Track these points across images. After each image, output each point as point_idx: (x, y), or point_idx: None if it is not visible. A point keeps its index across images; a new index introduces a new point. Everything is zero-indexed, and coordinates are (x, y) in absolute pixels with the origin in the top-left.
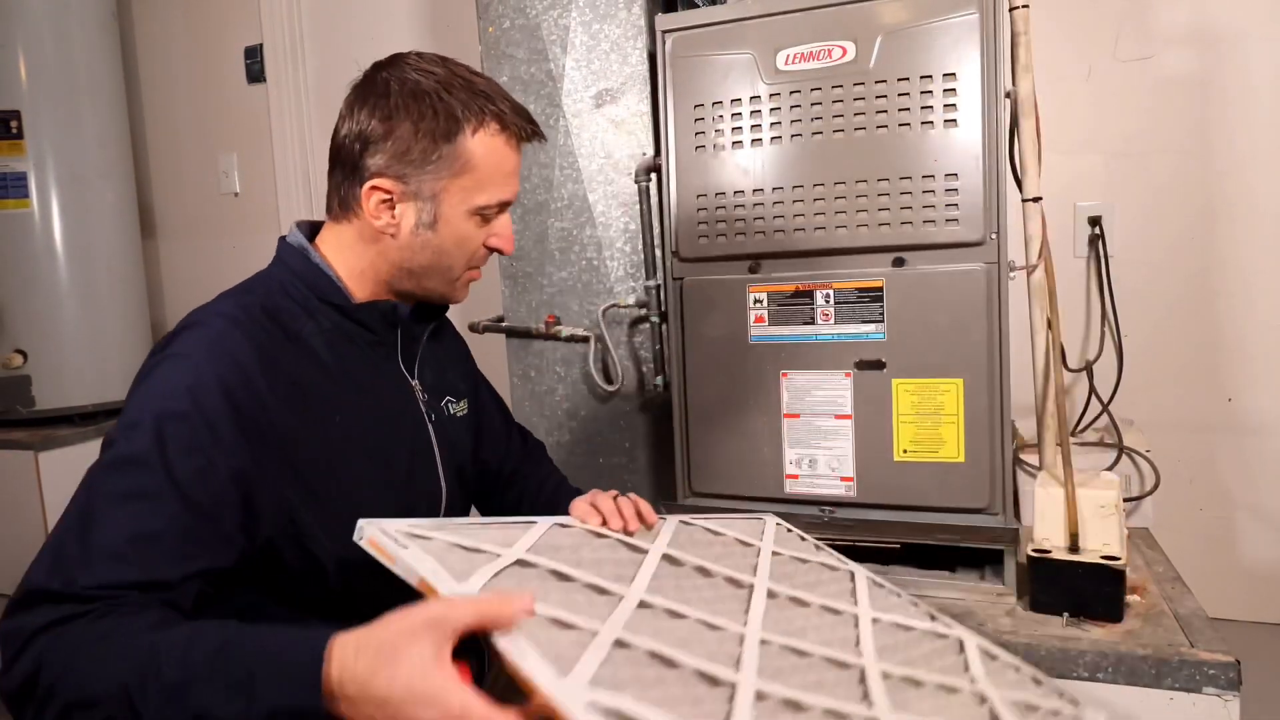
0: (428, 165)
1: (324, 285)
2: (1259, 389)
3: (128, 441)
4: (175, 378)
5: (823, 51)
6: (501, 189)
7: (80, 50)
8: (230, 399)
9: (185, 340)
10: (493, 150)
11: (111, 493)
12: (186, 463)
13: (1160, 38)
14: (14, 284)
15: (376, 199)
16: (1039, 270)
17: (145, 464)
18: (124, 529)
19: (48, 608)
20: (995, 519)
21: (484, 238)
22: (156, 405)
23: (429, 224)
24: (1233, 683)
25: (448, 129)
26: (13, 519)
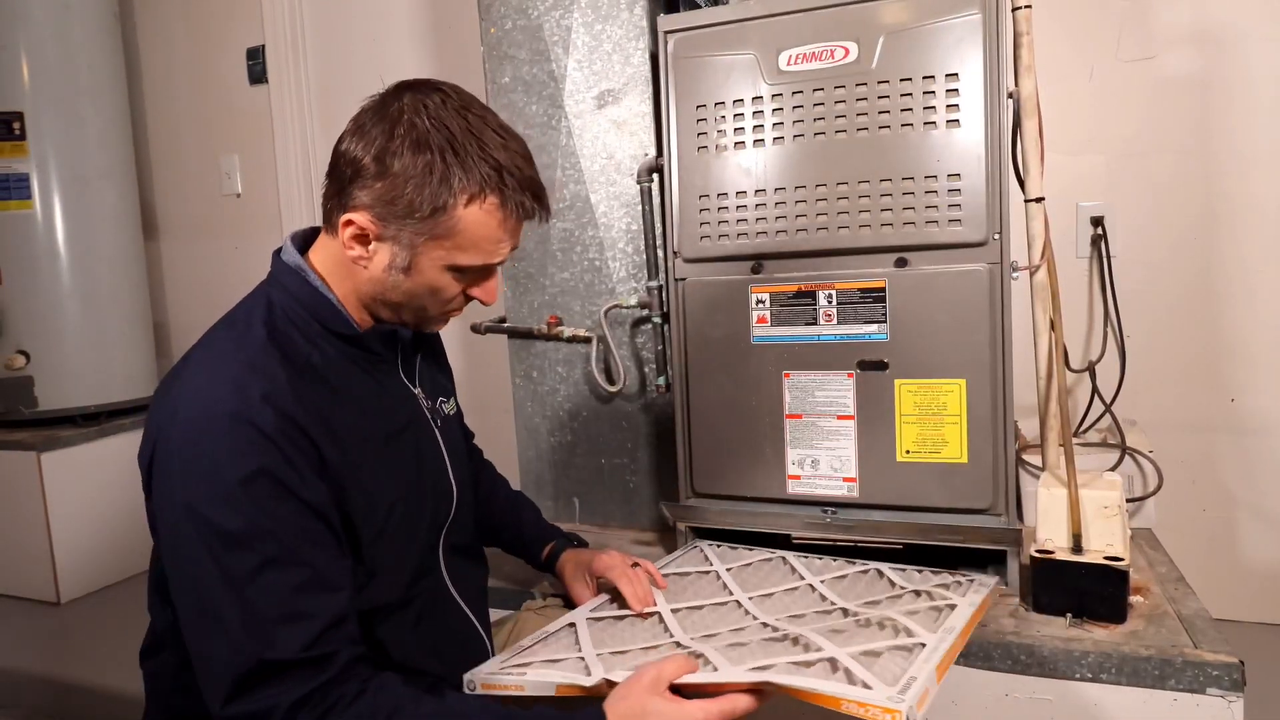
0: (410, 219)
1: (327, 313)
2: (1261, 389)
3: (225, 517)
4: (232, 436)
5: (825, 52)
6: (485, 256)
7: (82, 52)
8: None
9: (214, 394)
10: (482, 224)
11: (245, 570)
12: (285, 511)
13: (1162, 38)
14: (16, 285)
15: (352, 231)
16: (1041, 270)
17: (258, 533)
18: (278, 594)
19: (282, 681)
20: (998, 519)
21: (464, 287)
22: (231, 470)
23: (402, 269)
24: (1236, 684)
25: (440, 193)
26: (15, 519)
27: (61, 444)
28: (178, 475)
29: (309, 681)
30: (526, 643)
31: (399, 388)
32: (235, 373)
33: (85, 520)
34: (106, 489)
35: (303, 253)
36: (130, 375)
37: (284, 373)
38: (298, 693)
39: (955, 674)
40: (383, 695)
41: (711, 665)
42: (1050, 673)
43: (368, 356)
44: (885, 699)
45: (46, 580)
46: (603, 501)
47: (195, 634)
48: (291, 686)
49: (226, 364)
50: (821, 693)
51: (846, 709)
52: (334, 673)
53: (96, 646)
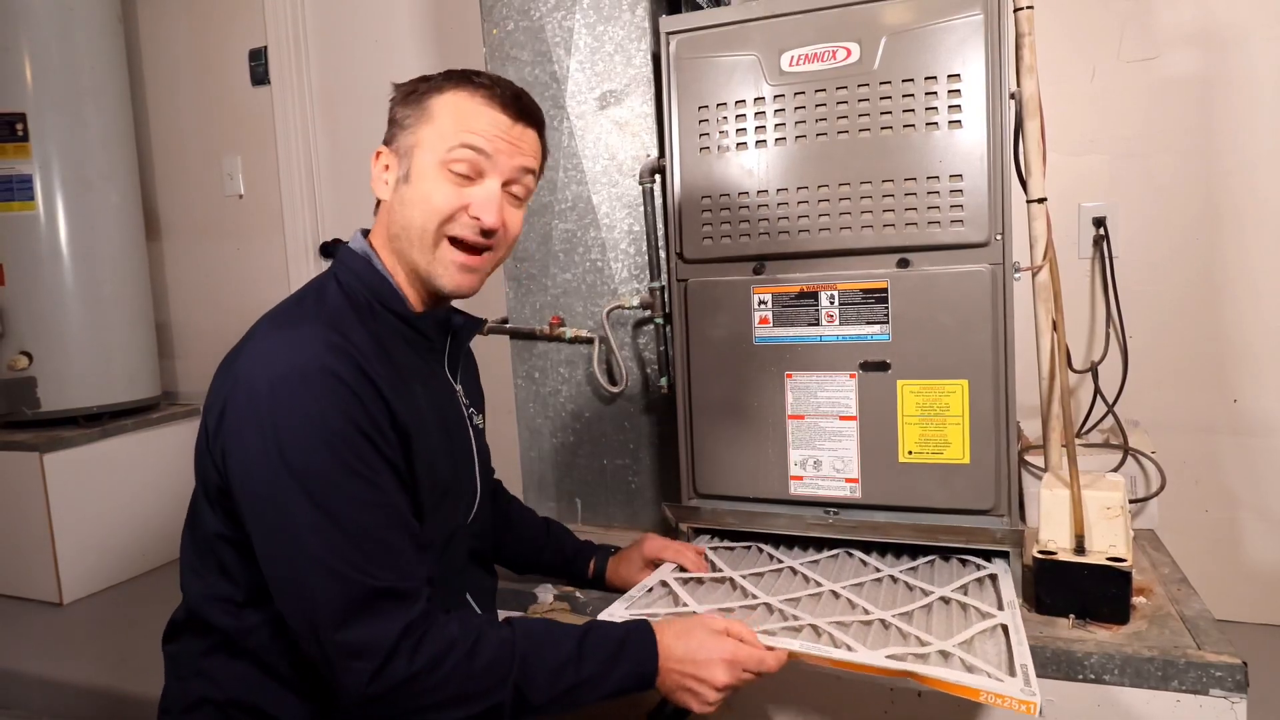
0: (405, 124)
1: (386, 292)
2: (1264, 390)
3: (321, 461)
4: (322, 387)
5: (827, 53)
6: (462, 134)
7: (85, 53)
8: (370, 389)
9: (300, 350)
10: (457, 104)
11: (343, 509)
12: (372, 457)
13: (1164, 38)
14: (19, 286)
15: (379, 167)
16: (1043, 271)
17: (351, 475)
18: (374, 530)
19: (385, 610)
20: (1001, 520)
21: (460, 201)
22: (323, 419)
23: (404, 178)
24: (1240, 685)
25: (422, 91)
26: (18, 520)
27: (64, 445)
28: (269, 428)
29: (407, 611)
30: (635, 593)
31: (444, 378)
32: (317, 332)
33: (88, 521)
34: (109, 490)
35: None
36: (133, 376)
37: (359, 335)
38: (401, 621)
39: None
40: (467, 623)
41: (829, 635)
42: (1053, 674)
43: (423, 341)
44: (1019, 691)
45: (49, 581)
46: (605, 502)
47: (293, 576)
48: (395, 615)
49: (307, 325)
50: (961, 684)
51: (985, 699)
52: (424, 604)
53: (99, 647)
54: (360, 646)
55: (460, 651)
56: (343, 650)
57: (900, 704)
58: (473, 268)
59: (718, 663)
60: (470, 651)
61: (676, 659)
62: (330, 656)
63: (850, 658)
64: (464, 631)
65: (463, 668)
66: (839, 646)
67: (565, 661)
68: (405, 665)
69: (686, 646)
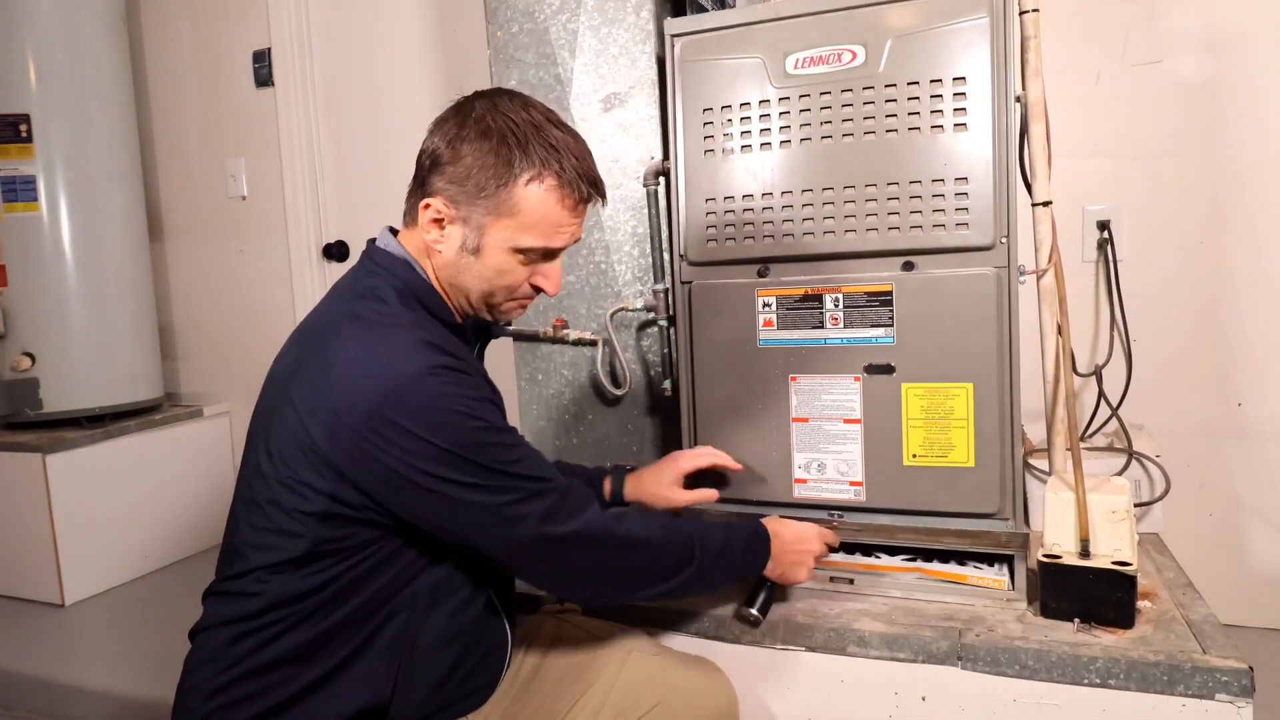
0: (479, 198)
1: (434, 301)
2: (1269, 393)
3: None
4: (443, 382)
5: (832, 55)
6: (546, 238)
7: (89, 54)
8: (475, 381)
9: (405, 354)
10: (543, 203)
11: (510, 454)
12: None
13: (1169, 42)
14: (22, 287)
15: (429, 215)
16: (1048, 274)
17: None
18: (532, 456)
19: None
20: (1005, 524)
21: (529, 275)
22: (458, 403)
23: (472, 250)
24: (1246, 690)
25: (504, 173)
26: (20, 521)
27: (67, 446)
28: (415, 431)
29: (564, 498)
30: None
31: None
32: (406, 336)
33: (90, 522)
34: (112, 491)
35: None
36: (135, 377)
37: (431, 330)
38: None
39: (961, 678)
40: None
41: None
42: (1058, 678)
43: (463, 344)
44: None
45: (51, 582)
46: None
47: (495, 523)
48: (574, 507)
49: (394, 331)
50: (953, 574)
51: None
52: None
53: (101, 649)
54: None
55: (644, 527)
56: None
57: (904, 706)
58: (527, 306)
59: (813, 537)
60: (649, 526)
61: (789, 541)
62: (538, 538)
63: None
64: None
65: (657, 536)
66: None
67: (725, 543)
68: (602, 523)
69: (794, 531)
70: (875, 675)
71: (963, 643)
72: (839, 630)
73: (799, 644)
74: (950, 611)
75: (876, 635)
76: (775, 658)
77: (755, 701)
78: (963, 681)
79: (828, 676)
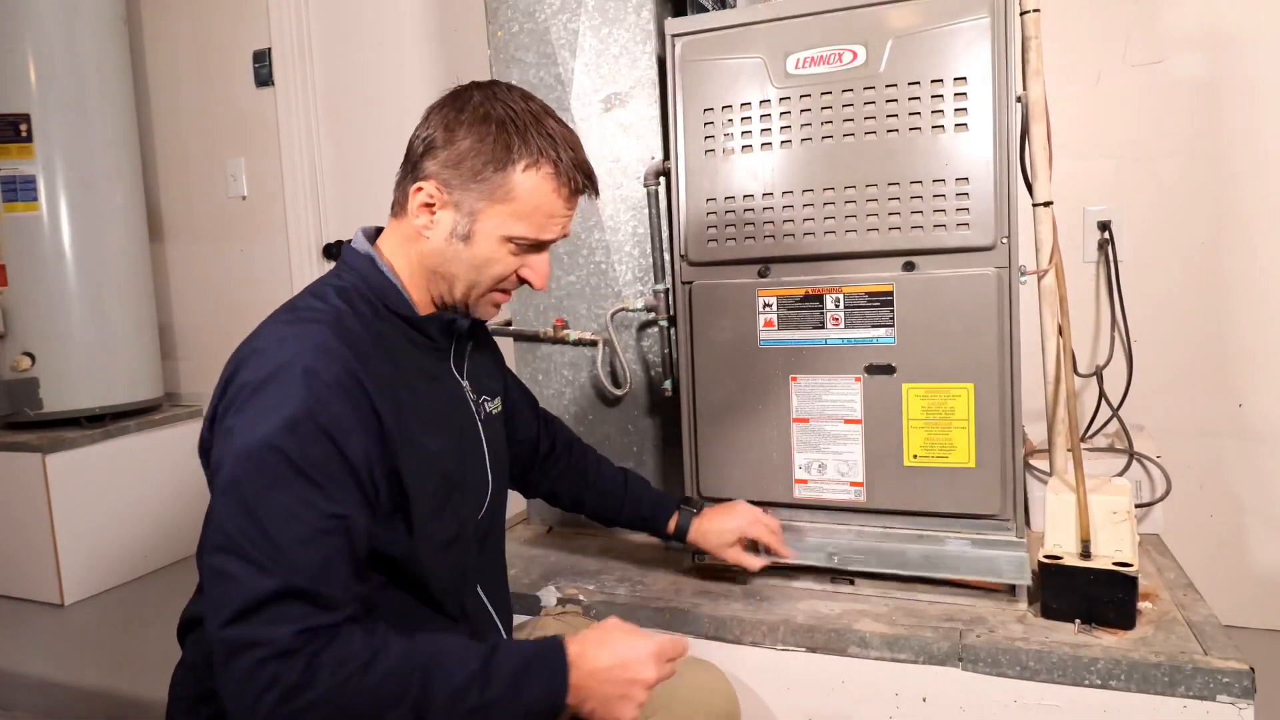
0: (473, 183)
1: (391, 295)
2: (1269, 394)
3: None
4: (297, 384)
5: (833, 55)
6: (539, 228)
7: (89, 54)
8: (350, 400)
9: (292, 348)
10: (537, 190)
11: (278, 503)
12: (326, 458)
13: (1170, 42)
14: (22, 286)
15: (420, 199)
16: (1049, 275)
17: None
18: (303, 530)
19: (290, 609)
20: (1006, 525)
21: (517, 266)
22: (283, 412)
23: (463, 236)
24: (1247, 691)
25: (501, 157)
26: (20, 521)
27: (66, 446)
28: (238, 424)
29: (313, 618)
30: None
31: (450, 377)
32: (311, 332)
33: (90, 523)
34: (111, 491)
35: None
36: (135, 378)
37: (359, 335)
38: (301, 625)
39: (962, 679)
40: (372, 635)
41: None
42: (1059, 679)
43: (426, 342)
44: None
45: (50, 583)
46: None
47: (215, 557)
48: (296, 618)
49: (303, 325)
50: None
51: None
52: (338, 618)
53: (100, 649)
54: (253, 639)
55: (355, 664)
56: (235, 643)
57: (905, 707)
58: (505, 302)
59: (645, 660)
60: (367, 664)
61: (605, 667)
62: (222, 650)
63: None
64: (366, 644)
65: (355, 682)
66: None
67: (469, 680)
68: (297, 671)
69: (613, 652)
70: (876, 676)
71: (963, 644)
72: (840, 631)
73: (800, 645)
74: (951, 612)
75: (877, 636)
76: (776, 659)
77: (756, 703)
78: (963, 682)
79: (829, 677)
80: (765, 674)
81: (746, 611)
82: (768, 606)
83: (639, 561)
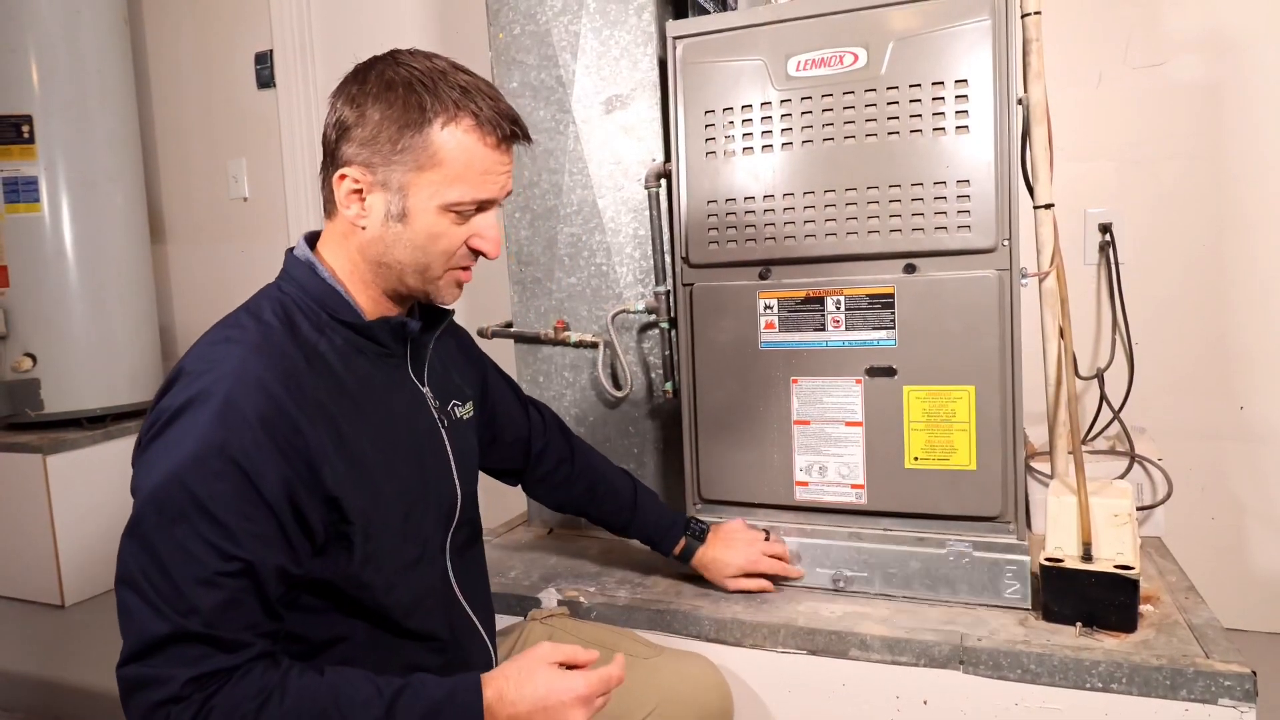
0: (395, 156)
1: (333, 301)
2: (1271, 397)
3: (170, 489)
4: (211, 416)
5: (834, 58)
6: (475, 188)
7: (91, 55)
8: (268, 430)
9: (211, 376)
10: (463, 146)
11: (177, 541)
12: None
13: (1171, 44)
14: (24, 287)
15: (346, 187)
16: (1050, 277)
17: (198, 509)
18: (203, 570)
19: (187, 650)
20: (1007, 527)
21: (465, 237)
22: (190, 446)
23: (398, 217)
24: (1249, 694)
25: (415, 120)
26: (21, 522)
27: (67, 446)
28: (150, 455)
29: (209, 661)
30: None
31: (407, 384)
32: (236, 354)
33: (90, 523)
34: (112, 492)
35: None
36: (136, 378)
37: (290, 356)
38: (195, 670)
39: (963, 682)
40: (268, 675)
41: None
42: (1060, 682)
43: (376, 349)
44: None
45: (50, 583)
46: None
47: (120, 590)
48: (191, 661)
49: (229, 345)
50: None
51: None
52: (238, 660)
53: (100, 650)
54: (148, 679)
55: (250, 708)
56: (131, 682)
57: (906, 710)
58: (467, 281)
59: (571, 703)
60: (260, 709)
61: (526, 712)
62: (121, 688)
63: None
64: (262, 685)
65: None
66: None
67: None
68: (189, 716)
69: (536, 692)
70: (877, 679)
71: (965, 646)
72: (840, 634)
73: (801, 647)
74: (952, 615)
75: (878, 639)
76: (777, 661)
77: (757, 705)
78: (964, 685)
79: (829, 680)
80: (766, 677)
81: (747, 614)
82: (768, 609)
83: (640, 564)
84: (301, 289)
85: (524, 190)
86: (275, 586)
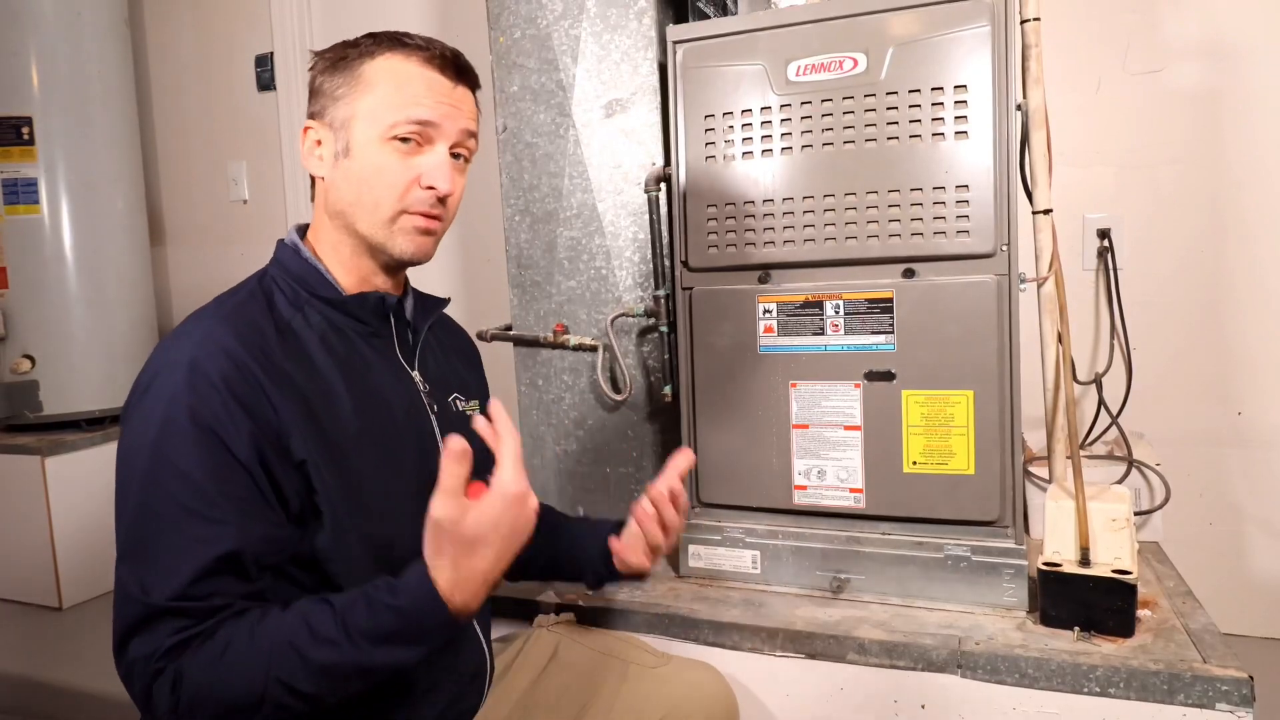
0: (337, 95)
1: (312, 278)
2: (1269, 402)
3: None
4: (179, 382)
5: (834, 63)
6: (407, 107)
7: (92, 57)
8: (232, 390)
9: (178, 346)
10: (394, 70)
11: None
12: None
13: (1170, 50)
14: (23, 289)
15: (309, 142)
16: (1049, 282)
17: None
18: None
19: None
20: (1005, 532)
21: (413, 174)
22: (160, 412)
23: (344, 152)
24: (1246, 699)
25: (353, 63)
26: (19, 523)
27: (66, 448)
28: (124, 429)
29: (188, 632)
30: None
31: (393, 365)
32: (203, 327)
33: (88, 525)
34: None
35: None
36: None
37: (259, 327)
38: (167, 643)
39: (961, 687)
40: (233, 625)
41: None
42: (1058, 686)
43: (357, 327)
44: None
45: (49, 585)
46: (608, 511)
47: (116, 572)
48: (171, 634)
49: (197, 322)
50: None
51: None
52: (209, 624)
53: (98, 652)
54: (132, 668)
55: (214, 655)
56: (124, 674)
57: (904, 714)
58: (431, 230)
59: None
60: (222, 654)
61: (487, 568)
62: (119, 669)
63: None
64: (228, 637)
65: (213, 670)
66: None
67: (327, 636)
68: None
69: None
70: (874, 683)
71: (962, 651)
72: (838, 638)
73: (799, 651)
74: (950, 619)
75: (876, 643)
76: (775, 665)
77: (755, 709)
78: (962, 690)
79: (827, 684)
80: (764, 680)
81: (745, 617)
82: (766, 612)
83: None
84: (284, 269)
85: (524, 194)
86: (254, 552)
